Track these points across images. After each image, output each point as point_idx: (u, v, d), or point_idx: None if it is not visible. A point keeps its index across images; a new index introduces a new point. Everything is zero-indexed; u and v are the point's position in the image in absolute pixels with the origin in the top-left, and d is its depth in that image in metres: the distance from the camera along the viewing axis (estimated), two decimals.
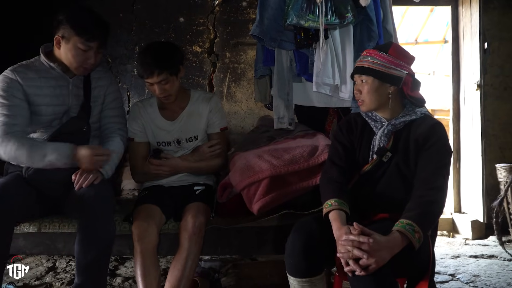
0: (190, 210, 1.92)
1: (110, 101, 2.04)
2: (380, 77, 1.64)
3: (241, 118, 3.48)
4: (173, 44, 2.10)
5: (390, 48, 1.66)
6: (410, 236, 1.40)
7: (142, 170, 2.10)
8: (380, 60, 1.64)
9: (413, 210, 1.47)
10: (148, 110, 2.13)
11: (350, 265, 1.37)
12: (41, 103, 1.87)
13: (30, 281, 2.49)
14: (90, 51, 1.84)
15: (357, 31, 2.06)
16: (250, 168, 1.94)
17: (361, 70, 1.67)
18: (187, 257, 1.80)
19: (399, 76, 1.64)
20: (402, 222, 1.44)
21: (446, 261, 2.87)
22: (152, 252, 1.82)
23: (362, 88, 1.67)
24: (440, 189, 1.52)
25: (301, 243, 1.51)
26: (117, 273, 2.62)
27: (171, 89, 2.01)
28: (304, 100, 2.31)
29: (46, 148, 1.77)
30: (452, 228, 3.64)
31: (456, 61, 3.71)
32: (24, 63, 1.91)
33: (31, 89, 1.85)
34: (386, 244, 1.38)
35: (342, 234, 1.43)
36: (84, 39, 1.81)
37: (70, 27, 1.80)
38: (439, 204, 1.52)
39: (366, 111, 1.71)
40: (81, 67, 1.87)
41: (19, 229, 1.93)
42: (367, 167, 1.68)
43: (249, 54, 3.45)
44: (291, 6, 1.97)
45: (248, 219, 1.98)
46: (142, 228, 1.82)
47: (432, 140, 1.58)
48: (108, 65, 3.46)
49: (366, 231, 1.40)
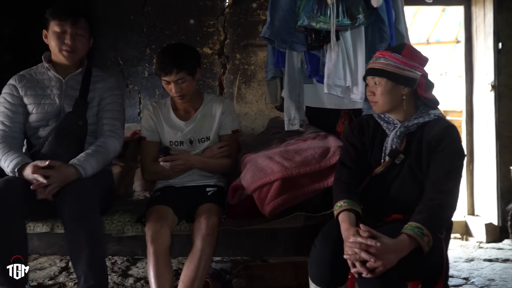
0: (203, 210, 1.93)
1: (106, 104, 2.07)
2: (393, 78, 1.62)
3: (251, 120, 3.48)
4: (191, 46, 2.16)
5: (404, 49, 1.65)
6: (419, 239, 1.40)
7: (153, 169, 2.12)
8: (394, 62, 1.62)
9: (422, 213, 1.46)
10: (162, 110, 2.19)
11: (357, 267, 1.37)
12: (31, 102, 2.00)
13: (44, 280, 2.52)
14: (65, 34, 1.95)
15: (369, 32, 2.04)
16: (262, 170, 1.94)
17: (374, 71, 1.66)
18: (200, 257, 1.80)
19: (413, 78, 1.63)
20: (411, 225, 1.43)
21: (459, 265, 2.84)
22: (165, 253, 1.82)
23: (376, 89, 1.66)
24: (451, 192, 1.51)
25: (328, 253, 1.50)
26: (129, 273, 2.64)
27: (187, 89, 2.05)
28: (315, 101, 2.30)
29: (7, 161, 1.83)
30: (466, 231, 3.59)
31: (469, 62, 3.67)
32: (28, 69, 2.08)
33: (24, 90, 2.01)
34: (393, 247, 1.37)
35: (349, 236, 1.43)
36: (57, 20, 1.95)
37: (48, 16, 1.97)
38: (449, 208, 1.50)
39: (379, 112, 1.70)
40: (61, 52, 1.97)
41: (32, 229, 1.96)
42: (379, 169, 1.67)
43: (259, 55, 3.44)
44: (302, 7, 1.97)
45: (260, 221, 1.98)
46: (155, 229, 1.83)
47: (445, 143, 1.57)
48: (119, 67, 3.48)
49: (374, 234, 1.40)
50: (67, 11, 1.97)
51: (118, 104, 2.12)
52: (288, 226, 1.98)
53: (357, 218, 1.55)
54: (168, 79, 2.01)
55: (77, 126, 1.97)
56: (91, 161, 1.88)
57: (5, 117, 1.96)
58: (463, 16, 3.68)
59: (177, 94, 2.04)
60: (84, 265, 1.71)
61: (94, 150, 1.92)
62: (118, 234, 1.98)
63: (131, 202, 2.35)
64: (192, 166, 2.11)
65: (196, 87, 2.17)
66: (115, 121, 2.06)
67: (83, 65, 2.08)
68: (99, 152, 1.93)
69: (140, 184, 2.59)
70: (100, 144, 1.97)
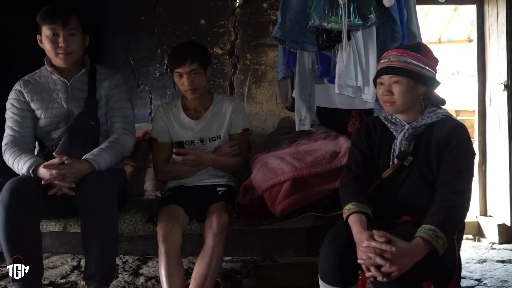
0: (215, 209, 1.94)
1: (115, 102, 2.08)
2: (415, 77, 1.59)
3: (262, 120, 3.48)
4: (203, 45, 2.21)
5: (421, 48, 1.63)
6: (434, 242, 1.38)
7: (166, 170, 2.14)
8: (415, 61, 1.59)
9: (436, 215, 1.44)
10: (172, 110, 2.21)
11: (371, 272, 1.36)
12: (38, 107, 2.00)
13: (56, 279, 2.55)
14: (58, 36, 1.92)
15: (380, 32, 2.03)
16: (272, 170, 1.94)
17: (394, 70, 1.60)
18: (211, 255, 1.82)
19: (432, 77, 1.62)
20: (425, 228, 1.42)
21: (471, 266, 2.81)
22: (177, 252, 1.84)
23: (394, 89, 1.60)
24: (463, 193, 1.49)
25: (336, 252, 1.49)
26: (140, 272, 2.65)
27: (199, 82, 2.08)
28: (326, 102, 2.29)
29: (20, 163, 1.85)
30: (478, 231, 3.55)
31: (482, 61, 3.62)
32: (31, 73, 2.08)
33: (30, 95, 2.00)
34: (408, 252, 1.36)
35: (363, 240, 1.41)
36: (47, 23, 1.91)
37: (38, 21, 1.93)
38: (462, 209, 1.49)
39: (395, 113, 1.67)
40: (57, 56, 1.95)
41: (45, 228, 1.98)
42: (387, 172, 1.65)
43: (269, 55, 3.44)
44: (313, 7, 1.96)
45: (270, 221, 1.99)
46: (166, 229, 1.84)
47: (454, 143, 1.55)
48: (131, 67, 3.50)
49: (389, 238, 1.39)
50: (56, 12, 1.92)
51: (126, 100, 2.13)
52: (299, 226, 1.99)
53: (368, 220, 1.55)
54: (181, 71, 2.04)
55: (90, 125, 1.98)
56: (104, 156, 1.89)
57: (14, 123, 1.98)
58: (476, 15, 3.64)
59: (189, 86, 2.05)
60: (95, 255, 1.76)
61: (107, 146, 1.94)
62: (130, 233, 2.00)
63: (142, 202, 2.37)
64: (204, 163, 2.12)
65: (206, 86, 2.19)
66: (125, 118, 2.08)
67: (86, 65, 2.07)
68: (112, 147, 1.94)
69: (152, 183, 2.61)
70: (113, 140, 1.98)
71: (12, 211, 1.68)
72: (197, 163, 2.08)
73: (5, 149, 1.93)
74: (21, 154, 1.88)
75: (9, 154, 1.90)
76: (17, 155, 1.88)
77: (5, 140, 1.96)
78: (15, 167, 1.87)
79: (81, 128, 1.96)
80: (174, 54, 2.08)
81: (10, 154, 1.90)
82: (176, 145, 2.06)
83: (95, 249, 1.76)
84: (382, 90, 1.64)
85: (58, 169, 1.77)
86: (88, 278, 1.80)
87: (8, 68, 3.16)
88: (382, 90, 1.64)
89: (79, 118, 1.98)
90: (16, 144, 1.93)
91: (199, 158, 2.07)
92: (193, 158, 2.04)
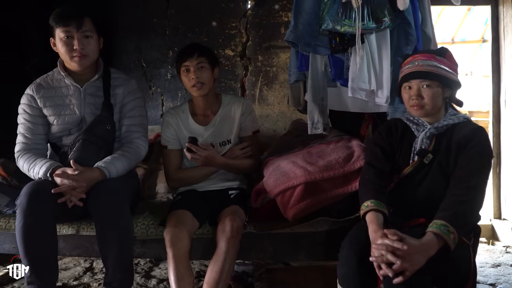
0: (227, 213, 1.93)
1: (129, 109, 2.04)
2: (445, 82, 1.64)
3: (273, 122, 3.47)
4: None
5: (447, 53, 1.68)
6: (446, 237, 1.38)
7: (177, 177, 2.13)
8: (442, 65, 1.63)
9: (447, 210, 1.45)
10: (180, 116, 2.17)
11: (383, 269, 1.36)
12: (51, 113, 1.97)
13: (69, 281, 2.57)
14: (72, 39, 1.87)
15: (394, 35, 2.01)
16: (285, 174, 1.93)
17: (424, 74, 1.64)
18: (224, 259, 1.81)
19: (458, 81, 1.67)
20: (436, 223, 1.42)
21: (486, 270, 2.77)
22: (185, 257, 1.84)
23: (425, 93, 1.64)
24: (476, 188, 1.50)
25: (355, 257, 1.49)
26: (152, 274, 2.66)
27: (207, 78, 2.05)
28: (339, 105, 2.28)
29: (36, 167, 1.85)
30: (492, 235, 3.51)
31: (497, 62, 3.57)
32: (44, 76, 2.03)
33: (42, 101, 1.97)
34: (420, 248, 1.37)
35: (377, 238, 1.43)
36: (61, 26, 1.85)
37: (51, 23, 1.88)
38: (474, 204, 1.49)
39: (423, 116, 1.69)
40: (72, 59, 1.89)
41: (59, 231, 1.99)
42: (407, 169, 1.67)
43: (281, 57, 3.43)
44: (326, 11, 1.95)
45: (282, 225, 1.97)
46: (173, 234, 1.84)
47: (473, 143, 1.57)
48: (143, 69, 3.52)
49: (400, 236, 1.39)
50: (69, 14, 1.86)
51: (141, 108, 2.10)
52: (311, 231, 1.97)
53: (384, 220, 1.55)
54: (188, 63, 2.02)
55: (106, 130, 1.95)
56: (117, 164, 1.88)
57: (26, 130, 1.96)
58: (490, 16, 3.59)
59: (197, 80, 2.02)
60: (113, 261, 1.78)
61: (120, 154, 1.93)
62: (142, 236, 2.00)
63: (154, 204, 2.38)
64: (214, 165, 2.08)
65: (214, 89, 2.18)
66: (139, 127, 2.05)
67: (100, 69, 2.02)
68: (125, 156, 1.93)
69: (164, 185, 2.61)
70: (127, 148, 1.97)
71: (30, 215, 1.69)
72: (204, 163, 2.04)
73: (18, 155, 1.94)
74: (36, 160, 1.88)
75: (23, 161, 1.90)
76: (32, 161, 1.88)
77: (18, 147, 1.96)
78: (30, 173, 1.88)
79: (97, 132, 1.93)
80: (182, 50, 2.09)
81: (24, 161, 1.90)
82: (190, 140, 2.00)
83: (111, 256, 1.78)
84: (410, 94, 1.67)
85: (69, 179, 1.76)
86: (108, 284, 1.82)
87: (22, 70, 3.19)
88: (410, 94, 1.67)
89: (95, 122, 1.95)
90: (29, 151, 1.93)
91: (210, 160, 2.03)
92: (204, 155, 2.00)
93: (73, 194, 1.77)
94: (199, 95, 2.09)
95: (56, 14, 1.88)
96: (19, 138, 1.98)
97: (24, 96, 2.00)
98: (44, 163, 1.85)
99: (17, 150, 1.96)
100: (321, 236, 1.98)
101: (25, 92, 2.00)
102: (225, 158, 2.09)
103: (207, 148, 2.01)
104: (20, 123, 1.99)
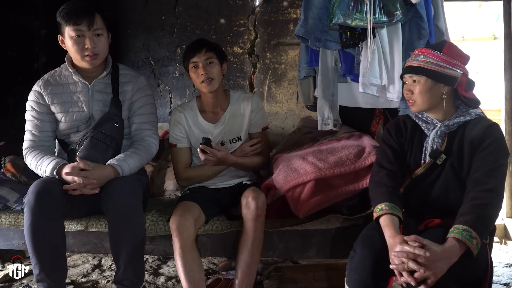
0: (250, 193, 1.87)
1: (139, 107, 2.01)
2: (433, 76, 1.58)
3: (282, 119, 3.45)
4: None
5: (444, 47, 1.60)
6: (468, 243, 1.34)
7: (186, 176, 2.11)
8: (434, 59, 1.58)
9: (468, 214, 1.40)
10: (189, 114, 2.13)
11: (404, 277, 1.32)
12: (59, 110, 1.95)
13: (77, 278, 2.57)
14: (83, 37, 1.82)
15: (406, 29, 1.98)
16: (295, 170, 1.91)
17: (413, 69, 1.61)
18: (253, 240, 1.81)
19: (454, 76, 1.58)
20: (458, 228, 1.37)
21: (499, 270, 2.72)
22: (191, 245, 1.82)
23: (414, 88, 1.61)
24: (494, 190, 1.45)
25: (371, 261, 1.44)
26: (160, 272, 2.65)
27: (216, 73, 2.02)
28: (350, 101, 2.25)
29: (43, 165, 1.84)
30: (504, 234, 3.45)
31: (509, 59, 3.51)
32: (52, 72, 2.00)
33: (50, 98, 1.94)
34: (443, 255, 1.32)
35: (396, 244, 1.38)
36: (72, 24, 1.80)
37: (60, 21, 1.83)
38: (494, 207, 1.44)
39: (417, 112, 1.66)
40: (84, 58, 1.85)
41: (67, 227, 1.99)
42: (419, 170, 1.62)
43: (289, 54, 3.41)
44: (336, 5, 1.92)
45: (292, 222, 1.96)
46: (179, 223, 1.82)
47: (488, 142, 1.52)
48: (151, 67, 3.52)
49: (422, 242, 1.34)
50: (79, 11, 1.80)
51: (151, 106, 2.07)
52: (322, 228, 1.95)
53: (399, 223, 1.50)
54: (196, 59, 1.99)
55: (114, 128, 1.92)
56: (129, 161, 1.87)
57: (33, 127, 1.94)
58: (503, 12, 3.53)
59: (206, 75, 1.98)
60: (125, 259, 1.77)
61: (133, 151, 1.92)
62: (151, 233, 1.99)
63: (163, 202, 2.37)
64: (226, 165, 2.06)
65: (223, 85, 2.15)
66: (150, 125, 2.03)
67: (108, 66, 1.98)
68: (137, 153, 1.92)
69: (173, 183, 2.61)
70: (138, 146, 1.96)
71: (38, 214, 1.69)
72: (218, 164, 2.03)
73: (26, 153, 1.93)
74: (43, 157, 1.87)
75: (31, 158, 1.89)
76: (39, 158, 1.87)
77: (26, 144, 1.95)
78: (38, 170, 1.87)
79: (105, 130, 1.89)
80: (189, 47, 2.05)
81: (32, 158, 1.89)
82: (203, 141, 1.97)
83: (124, 255, 1.76)
84: (404, 89, 1.66)
85: (80, 176, 1.75)
86: (118, 282, 1.81)
87: (31, 68, 3.20)
88: (404, 89, 1.66)
89: (103, 119, 1.92)
90: (36, 148, 1.92)
91: (223, 161, 2.00)
92: (217, 160, 1.98)
93: (84, 192, 1.76)
94: (209, 91, 2.04)
95: (65, 11, 1.82)
96: (26, 135, 1.96)
97: (32, 93, 1.97)
98: (50, 160, 1.84)
99: (25, 147, 1.95)
100: (332, 233, 1.96)
101: (33, 89, 1.97)
102: (236, 157, 2.06)
103: (220, 149, 1.98)
104: (28, 120, 1.97)
